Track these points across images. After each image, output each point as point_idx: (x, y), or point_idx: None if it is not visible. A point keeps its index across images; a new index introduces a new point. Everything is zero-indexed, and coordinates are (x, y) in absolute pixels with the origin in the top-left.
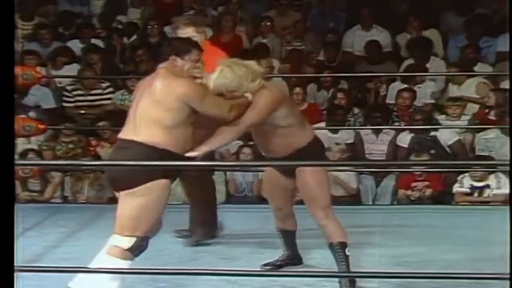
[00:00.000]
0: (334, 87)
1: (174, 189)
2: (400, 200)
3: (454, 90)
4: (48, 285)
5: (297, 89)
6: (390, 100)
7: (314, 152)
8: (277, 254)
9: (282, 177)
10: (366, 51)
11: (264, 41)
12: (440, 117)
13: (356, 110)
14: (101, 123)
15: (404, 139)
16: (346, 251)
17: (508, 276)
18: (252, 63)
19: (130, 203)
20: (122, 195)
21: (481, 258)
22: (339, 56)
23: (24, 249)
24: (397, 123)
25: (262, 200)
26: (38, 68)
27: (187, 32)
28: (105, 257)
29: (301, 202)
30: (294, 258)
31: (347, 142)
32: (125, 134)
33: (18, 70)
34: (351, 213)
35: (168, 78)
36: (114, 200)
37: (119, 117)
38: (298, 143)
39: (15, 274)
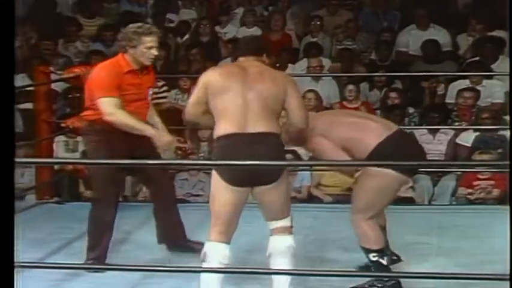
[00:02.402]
0: (387, 87)
1: None
2: (460, 201)
3: None
4: (113, 283)
5: (350, 86)
6: (450, 100)
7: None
8: None
9: None
10: (423, 51)
11: (314, 40)
12: (507, 117)
13: (411, 110)
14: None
15: (467, 138)
16: (371, 256)
17: (508, 277)
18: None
19: (280, 191)
20: (269, 188)
21: None
22: (392, 55)
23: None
24: (457, 123)
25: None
26: None
27: None
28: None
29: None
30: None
31: None
32: (242, 127)
33: (82, 69)
34: (410, 213)
35: (275, 71)
36: None
37: (173, 116)
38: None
39: (16, 270)
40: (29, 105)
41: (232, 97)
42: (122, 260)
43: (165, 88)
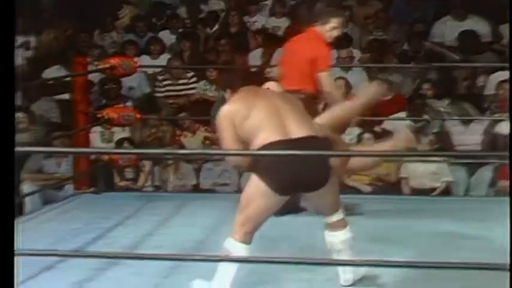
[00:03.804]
0: (420, 78)
1: None
2: (498, 192)
3: None
4: (146, 272)
5: (381, 78)
6: (489, 91)
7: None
8: None
9: None
10: (460, 42)
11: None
12: None
13: (445, 101)
14: (184, 113)
15: (507, 127)
16: None
17: (508, 267)
18: None
19: (330, 191)
20: (318, 191)
21: None
22: (426, 46)
23: (123, 237)
24: (496, 115)
25: None
26: (135, 58)
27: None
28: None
29: None
30: None
31: (432, 132)
32: (284, 134)
33: (117, 60)
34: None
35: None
36: (197, 189)
37: (201, 107)
38: None
39: (16, 258)
40: (66, 96)
41: (261, 111)
42: (154, 249)
43: (194, 79)
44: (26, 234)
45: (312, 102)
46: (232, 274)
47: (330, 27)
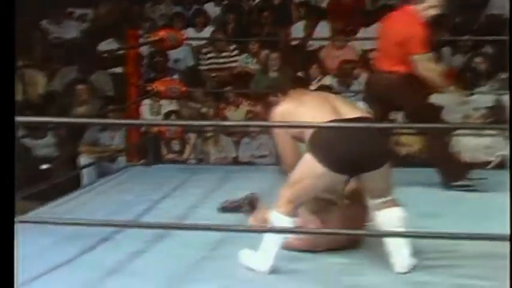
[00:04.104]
0: (473, 51)
1: None
2: None
3: None
4: (194, 244)
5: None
6: None
7: None
8: None
9: None
10: None
11: (389, 2)
12: None
13: (502, 75)
14: (229, 87)
15: None
16: None
17: (508, 237)
18: None
19: (387, 172)
20: (376, 172)
21: None
22: (482, 19)
23: (171, 208)
24: None
25: None
26: (182, 31)
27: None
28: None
29: None
30: None
31: (486, 106)
32: (337, 115)
33: (165, 33)
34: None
35: None
36: (236, 161)
37: (243, 80)
38: None
39: (16, 226)
40: (118, 70)
41: (311, 102)
42: (200, 220)
43: (236, 52)
44: (84, 206)
45: (405, 84)
46: (277, 247)
47: (427, 6)
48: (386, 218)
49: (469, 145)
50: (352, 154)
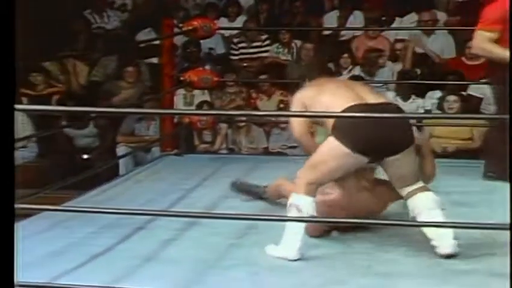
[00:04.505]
0: None
1: None
2: None
3: None
4: (223, 232)
5: (470, 44)
6: None
7: None
8: None
9: None
10: None
11: None
12: None
13: None
14: (262, 76)
15: None
16: None
17: (508, 226)
18: None
19: (409, 160)
20: (398, 158)
21: None
22: None
23: (201, 198)
24: None
25: None
26: (215, 21)
27: None
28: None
29: None
30: None
31: None
32: (361, 99)
33: (199, 22)
34: None
35: None
36: (267, 152)
37: (275, 70)
38: None
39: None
40: (154, 60)
41: (332, 88)
42: (228, 209)
43: (267, 42)
44: (122, 195)
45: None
46: (301, 231)
47: None
48: (419, 201)
49: None
50: (376, 136)
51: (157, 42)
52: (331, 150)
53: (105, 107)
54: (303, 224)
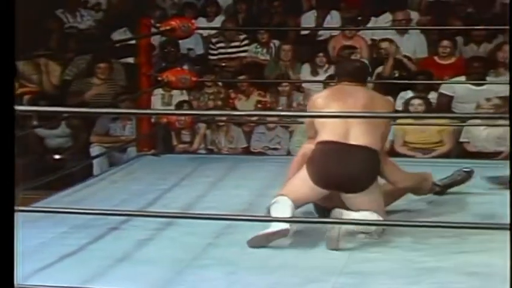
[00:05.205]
0: (487, 42)
1: None
2: None
3: None
4: (199, 231)
5: (445, 42)
6: None
7: None
8: None
9: None
10: None
11: None
12: None
13: None
14: (240, 77)
15: None
16: None
17: (508, 226)
18: None
19: (370, 199)
20: (356, 196)
21: None
22: (495, 8)
23: (178, 198)
24: None
25: None
26: (193, 21)
27: None
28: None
29: None
30: None
31: (499, 96)
32: (343, 138)
33: (177, 22)
34: None
35: (375, 94)
36: (247, 152)
37: (254, 70)
38: None
39: (16, 214)
40: (130, 60)
41: (336, 107)
42: (207, 210)
43: (246, 42)
44: (95, 195)
45: None
46: (289, 209)
47: None
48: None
49: (480, 136)
50: (333, 172)
51: (133, 42)
52: (301, 177)
53: (77, 104)
54: (289, 202)
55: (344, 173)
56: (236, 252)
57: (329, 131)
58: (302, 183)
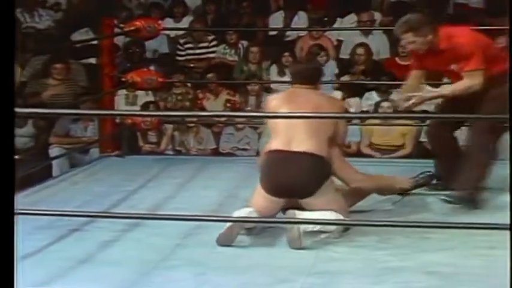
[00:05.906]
0: None
1: None
2: None
3: None
4: (167, 232)
5: (403, 42)
6: None
7: None
8: None
9: None
10: (487, 3)
11: None
12: None
13: None
14: (209, 76)
15: None
16: None
17: (508, 226)
18: None
19: (321, 203)
20: (306, 201)
21: None
22: (449, 8)
23: (145, 199)
24: None
25: None
26: (159, 21)
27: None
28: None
29: None
30: None
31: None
32: (287, 145)
33: (142, 22)
34: None
35: (325, 97)
36: (216, 153)
37: (221, 71)
38: None
39: (16, 217)
40: (92, 60)
41: (287, 109)
42: (175, 211)
43: (214, 43)
44: (55, 196)
45: None
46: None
47: None
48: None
49: None
50: (280, 180)
51: (95, 42)
52: (258, 188)
53: (36, 105)
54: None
55: (289, 180)
56: (205, 252)
57: (274, 139)
58: (259, 195)
